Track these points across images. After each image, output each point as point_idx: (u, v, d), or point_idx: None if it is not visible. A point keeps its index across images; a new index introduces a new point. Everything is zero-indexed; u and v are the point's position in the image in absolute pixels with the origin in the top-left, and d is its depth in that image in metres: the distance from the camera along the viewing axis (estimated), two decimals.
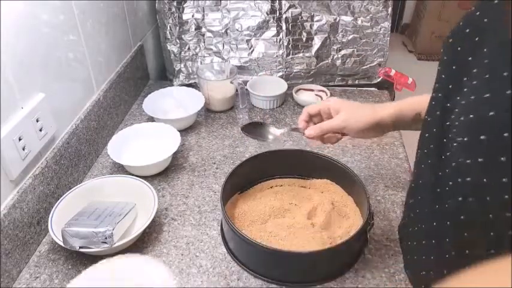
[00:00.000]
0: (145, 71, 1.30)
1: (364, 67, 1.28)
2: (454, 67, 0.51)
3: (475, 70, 0.47)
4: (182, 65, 1.27)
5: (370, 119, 0.73)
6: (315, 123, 0.77)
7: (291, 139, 1.05)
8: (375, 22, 1.25)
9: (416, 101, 0.71)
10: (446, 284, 0.44)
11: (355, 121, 0.73)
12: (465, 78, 0.48)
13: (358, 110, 0.74)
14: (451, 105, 0.50)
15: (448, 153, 0.50)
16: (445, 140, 0.51)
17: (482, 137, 0.42)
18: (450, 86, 0.52)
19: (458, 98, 0.49)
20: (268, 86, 1.19)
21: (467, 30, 0.49)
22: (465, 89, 0.48)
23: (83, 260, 0.75)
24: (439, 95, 0.54)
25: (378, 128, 0.74)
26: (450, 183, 0.50)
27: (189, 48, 1.25)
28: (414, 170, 0.64)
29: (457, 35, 0.52)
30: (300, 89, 1.22)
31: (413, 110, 0.71)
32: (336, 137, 0.77)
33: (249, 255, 0.73)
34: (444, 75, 0.54)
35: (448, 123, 0.50)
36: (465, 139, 0.45)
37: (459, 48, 0.51)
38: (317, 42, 1.25)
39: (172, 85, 1.25)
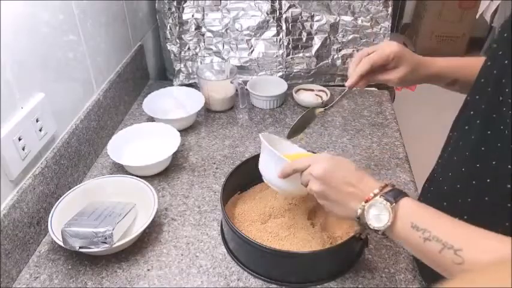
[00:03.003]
0: (145, 71, 1.30)
1: None
2: None
3: None
4: (182, 65, 1.27)
5: (421, 80, 0.73)
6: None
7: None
8: (375, 22, 1.25)
9: (456, 66, 0.73)
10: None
11: (408, 80, 0.72)
12: None
13: (416, 69, 0.71)
14: (506, 80, 0.50)
15: (501, 127, 0.51)
16: (494, 116, 0.52)
17: None
18: (506, 62, 0.51)
19: None
20: (268, 86, 1.19)
21: None
22: None
23: (83, 260, 0.75)
24: (494, 71, 0.53)
25: (417, 83, 0.75)
26: (500, 154, 0.50)
27: (189, 48, 1.25)
28: (445, 150, 0.64)
29: None
30: (300, 89, 1.22)
31: (452, 76, 0.73)
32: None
33: (249, 255, 0.73)
34: (501, 51, 0.53)
35: (500, 98, 0.51)
36: None
37: None
38: (317, 42, 1.25)
39: (172, 85, 1.25)
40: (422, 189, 0.73)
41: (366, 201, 0.55)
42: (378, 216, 0.53)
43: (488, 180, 0.53)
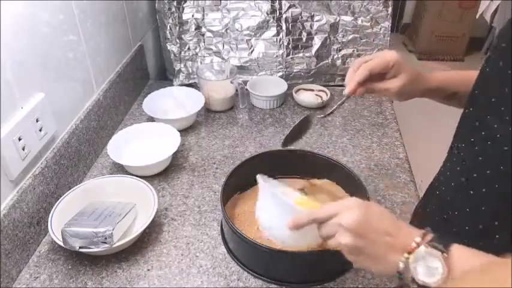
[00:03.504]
0: (145, 71, 1.30)
1: None
2: None
3: None
4: (182, 65, 1.27)
5: (419, 95, 0.70)
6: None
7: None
8: (375, 22, 1.25)
9: (455, 80, 0.70)
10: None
11: (407, 93, 0.68)
12: None
13: (415, 81, 0.68)
14: (509, 89, 0.50)
15: (498, 135, 0.50)
16: (495, 126, 0.52)
17: None
18: (509, 72, 0.50)
19: None
20: (268, 86, 1.19)
21: None
22: None
23: (82, 260, 0.75)
24: (496, 81, 0.53)
25: (416, 96, 0.71)
26: (504, 166, 0.50)
27: (189, 48, 1.25)
28: (448, 160, 0.63)
29: None
30: (300, 89, 1.22)
31: (451, 90, 0.70)
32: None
33: (249, 255, 0.73)
34: (502, 62, 0.52)
35: (502, 109, 0.50)
36: None
37: None
38: (317, 42, 1.25)
39: (172, 85, 1.25)
40: (424, 196, 0.72)
41: (409, 253, 0.47)
42: (428, 270, 0.45)
43: (483, 190, 0.53)
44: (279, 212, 0.61)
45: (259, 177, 0.67)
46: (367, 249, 0.50)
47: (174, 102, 1.13)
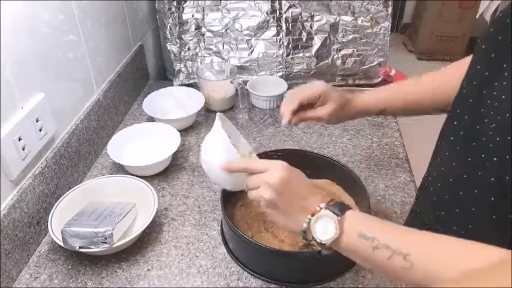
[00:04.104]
0: (145, 71, 1.30)
1: (364, 67, 1.28)
2: (493, 55, 0.52)
3: None
4: (182, 65, 1.27)
5: (350, 117, 0.79)
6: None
7: (291, 139, 1.05)
8: (375, 22, 1.25)
9: (384, 97, 0.77)
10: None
11: (338, 117, 0.77)
12: (505, 65, 0.50)
13: (345, 107, 0.76)
14: (487, 91, 0.51)
15: (483, 138, 0.51)
16: (478, 127, 0.52)
17: None
18: (487, 73, 0.52)
19: (496, 83, 0.50)
20: (268, 86, 1.19)
21: (508, 20, 0.52)
22: (506, 73, 0.49)
23: (82, 260, 0.75)
24: (473, 83, 0.55)
25: (347, 119, 0.81)
26: (484, 165, 0.51)
27: (189, 48, 1.25)
28: (434, 159, 0.64)
29: (498, 25, 0.54)
30: None
31: (379, 107, 0.77)
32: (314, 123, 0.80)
33: (249, 255, 0.73)
34: (480, 65, 0.54)
35: (482, 110, 0.51)
36: (507, 115, 0.46)
37: (500, 38, 0.52)
38: (317, 42, 1.25)
39: (172, 85, 1.25)
40: (416, 197, 0.73)
41: (313, 215, 0.54)
42: (324, 229, 0.52)
43: (475, 191, 0.53)
44: (217, 147, 0.66)
45: (218, 117, 0.69)
46: (282, 207, 0.56)
47: (174, 102, 1.13)
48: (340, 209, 0.53)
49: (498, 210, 0.50)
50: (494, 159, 0.49)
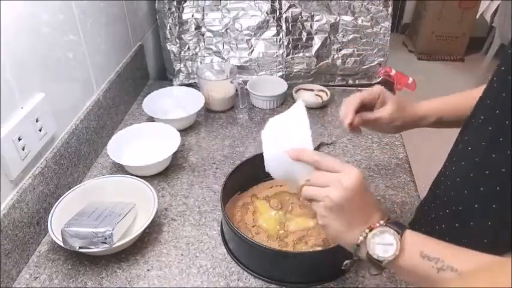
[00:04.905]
0: (145, 71, 1.30)
1: (364, 67, 1.28)
2: None
3: None
4: (182, 65, 1.26)
5: (411, 120, 0.75)
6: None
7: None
8: (375, 22, 1.25)
9: (441, 108, 0.75)
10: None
11: (399, 116, 0.73)
12: None
13: (402, 110, 0.74)
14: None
15: (500, 139, 0.51)
16: (507, 122, 0.52)
17: None
18: (509, 77, 0.52)
19: None
20: (268, 86, 1.19)
21: None
22: None
23: (82, 260, 0.75)
24: (508, 77, 0.53)
25: (406, 127, 0.76)
26: (508, 165, 0.51)
27: (188, 48, 1.25)
28: (454, 153, 0.64)
29: None
30: (300, 89, 1.22)
31: (436, 116, 0.75)
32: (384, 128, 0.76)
33: (249, 255, 0.73)
34: (504, 67, 0.54)
35: (507, 122, 0.51)
36: None
37: None
38: (317, 42, 1.25)
39: (172, 85, 1.25)
40: (428, 193, 0.72)
41: (370, 230, 0.51)
42: (383, 246, 0.49)
43: (497, 188, 0.53)
44: (292, 133, 0.59)
45: (302, 104, 0.62)
46: (346, 213, 0.52)
47: (174, 102, 1.13)
48: (400, 226, 0.51)
49: None
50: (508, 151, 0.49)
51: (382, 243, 0.50)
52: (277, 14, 1.22)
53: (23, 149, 0.72)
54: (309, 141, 0.57)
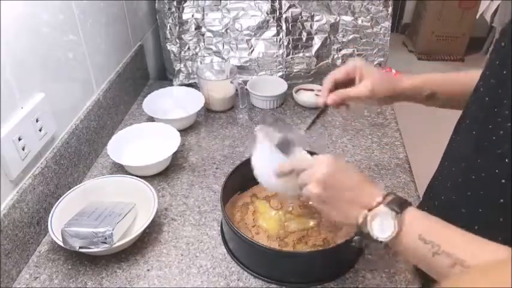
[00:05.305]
0: (145, 71, 1.30)
1: None
2: None
3: None
4: (182, 65, 1.26)
5: (394, 90, 0.72)
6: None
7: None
8: (375, 22, 1.25)
9: (433, 80, 0.72)
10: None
11: (381, 89, 0.71)
12: None
13: (384, 78, 0.72)
14: (502, 90, 0.51)
15: (499, 119, 0.50)
16: (490, 127, 0.52)
17: None
18: (504, 72, 0.52)
19: None
20: (268, 86, 1.19)
21: None
22: None
23: (82, 260, 0.75)
24: (491, 81, 0.54)
25: (395, 98, 0.74)
26: (494, 166, 0.50)
27: (189, 48, 1.25)
28: (445, 158, 0.64)
29: None
30: (300, 89, 1.22)
31: (430, 88, 0.72)
32: (362, 110, 0.76)
33: (249, 255, 0.73)
34: (498, 62, 0.53)
35: (496, 109, 0.51)
36: None
37: None
38: (317, 42, 1.24)
39: (172, 85, 1.25)
40: (423, 195, 0.73)
41: (369, 210, 0.52)
42: (382, 227, 0.51)
43: (481, 193, 0.53)
44: (265, 158, 0.69)
45: (259, 130, 0.69)
46: (331, 201, 0.56)
47: (174, 102, 1.13)
48: (399, 205, 0.51)
49: (506, 212, 0.50)
50: (506, 160, 0.49)
51: (381, 224, 0.51)
52: (277, 14, 1.22)
53: (23, 149, 0.72)
54: (280, 157, 0.65)
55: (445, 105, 0.72)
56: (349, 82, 0.72)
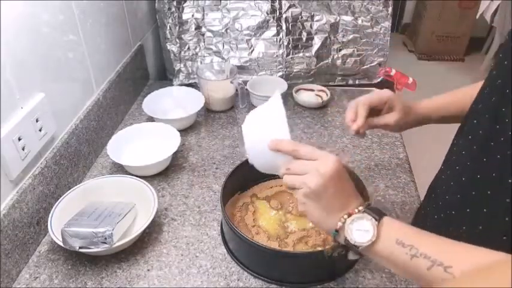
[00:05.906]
0: (145, 71, 1.30)
1: (364, 67, 1.28)
2: None
3: None
4: (182, 65, 1.26)
5: (413, 125, 0.77)
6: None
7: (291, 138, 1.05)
8: (375, 22, 1.25)
9: (446, 103, 0.76)
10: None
11: (404, 124, 0.76)
12: None
13: (408, 114, 0.75)
14: (510, 90, 0.51)
15: (501, 138, 0.50)
16: (498, 126, 0.52)
17: None
18: None
19: None
20: (268, 86, 1.19)
21: None
22: None
23: (82, 260, 0.75)
24: (498, 81, 0.54)
25: (412, 127, 0.78)
26: (500, 166, 0.51)
27: (188, 48, 1.25)
28: (449, 158, 0.64)
29: None
30: (300, 89, 1.22)
31: (440, 114, 0.76)
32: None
33: (249, 255, 0.73)
34: (507, 61, 0.53)
35: (503, 109, 0.51)
36: None
37: None
38: (317, 42, 1.25)
39: (172, 85, 1.25)
40: (424, 196, 0.73)
41: (349, 215, 0.53)
42: (360, 231, 0.51)
43: (488, 192, 0.53)
44: (267, 124, 0.61)
45: (278, 92, 0.62)
46: (324, 200, 0.54)
47: (174, 102, 1.13)
48: (378, 213, 0.52)
49: None
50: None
51: (360, 229, 0.51)
52: (277, 14, 1.23)
53: (23, 149, 0.72)
54: (286, 132, 0.58)
55: (454, 122, 0.74)
56: (374, 110, 0.75)
